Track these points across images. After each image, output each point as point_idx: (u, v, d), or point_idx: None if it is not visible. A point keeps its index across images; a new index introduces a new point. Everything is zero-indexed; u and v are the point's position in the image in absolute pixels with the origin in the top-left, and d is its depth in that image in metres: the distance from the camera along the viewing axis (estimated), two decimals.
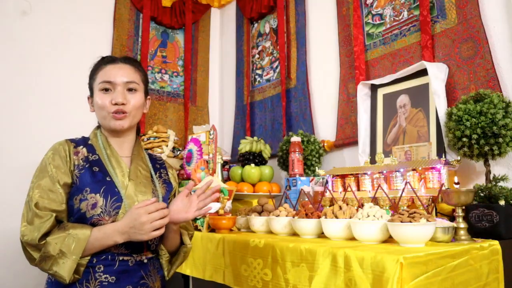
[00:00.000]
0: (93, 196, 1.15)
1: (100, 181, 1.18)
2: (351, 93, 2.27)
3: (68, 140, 1.26)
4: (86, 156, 1.23)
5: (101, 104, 1.23)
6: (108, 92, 1.24)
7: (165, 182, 1.35)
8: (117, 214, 1.15)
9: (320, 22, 2.56)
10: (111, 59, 1.29)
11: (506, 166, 1.62)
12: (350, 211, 1.41)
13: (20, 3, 2.54)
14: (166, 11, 3.18)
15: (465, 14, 1.78)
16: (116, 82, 1.23)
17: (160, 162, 1.40)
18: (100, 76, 1.25)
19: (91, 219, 1.13)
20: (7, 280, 2.26)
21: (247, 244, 1.47)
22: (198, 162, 2.26)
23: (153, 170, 1.33)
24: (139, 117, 1.31)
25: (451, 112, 1.59)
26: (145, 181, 1.26)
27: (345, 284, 1.08)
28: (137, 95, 1.27)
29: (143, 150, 1.36)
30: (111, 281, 1.14)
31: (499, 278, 1.23)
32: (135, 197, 1.20)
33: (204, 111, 3.34)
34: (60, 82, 2.61)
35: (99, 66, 1.28)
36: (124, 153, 1.30)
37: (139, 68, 1.32)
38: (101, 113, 1.25)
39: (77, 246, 1.08)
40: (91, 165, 1.21)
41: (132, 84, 1.26)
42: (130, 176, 1.23)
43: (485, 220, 1.33)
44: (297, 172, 2.16)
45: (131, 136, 1.32)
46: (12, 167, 2.37)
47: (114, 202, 1.16)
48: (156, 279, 1.25)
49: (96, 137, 1.29)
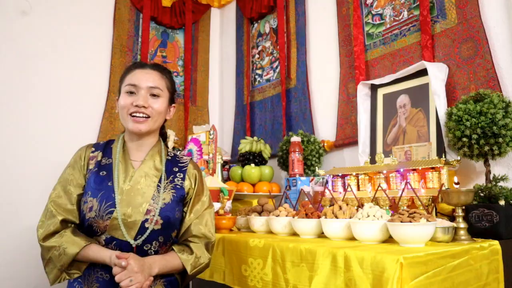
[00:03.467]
0: (92, 200, 1.21)
1: (101, 186, 1.22)
2: (351, 93, 2.27)
3: (91, 144, 1.34)
4: (99, 160, 1.28)
5: (123, 104, 1.28)
6: (132, 95, 1.28)
7: (175, 188, 1.30)
8: (110, 219, 1.19)
9: (320, 22, 2.56)
10: (140, 65, 1.33)
11: (506, 166, 1.62)
12: (350, 211, 1.41)
13: (20, 3, 2.54)
14: (166, 11, 3.18)
15: (465, 14, 1.78)
16: (140, 86, 1.28)
17: (181, 165, 1.37)
18: (127, 79, 1.30)
19: (88, 221, 1.20)
20: (7, 280, 2.26)
21: (247, 244, 1.47)
22: (198, 162, 2.26)
23: (165, 175, 1.31)
24: (160, 123, 1.34)
25: (451, 112, 1.59)
26: (146, 187, 1.25)
27: (345, 284, 1.08)
28: (160, 100, 1.30)
29: (160, 153, 1.34)
30: (105, 278, 1.18)
31: (499, 278, 1.23)
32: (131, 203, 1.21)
33: (204, 111, 3.34)
34: (60, 82, 2.61)
35: (129, 70, 1.33)
36: (139, 157, 1.31)
37: (166, 76, 1.36)
38: (122, 113, 1.29)
39: (64, 258, 1.16)
40: (100, 169, 1.26)
41: (155, 89, 1.29)
42: (131, 182, 1.24)
43: (485, 220, 1.33)
44: (297, 172, 2.16)
45: (150, 140, 1.34)
46: (12, 167, 2.37)
47: (107, 207, 1.19)
48: (156, 283, 1.23)
49: (118, 140, 1.33)
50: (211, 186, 1.92)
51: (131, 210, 1.20)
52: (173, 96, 1.39)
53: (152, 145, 1.34)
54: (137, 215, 1.21)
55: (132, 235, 1.19)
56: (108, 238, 1.20)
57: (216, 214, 1.86)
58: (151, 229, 1.22)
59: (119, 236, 1.19)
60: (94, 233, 1.21)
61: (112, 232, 1.19)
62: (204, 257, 1.28)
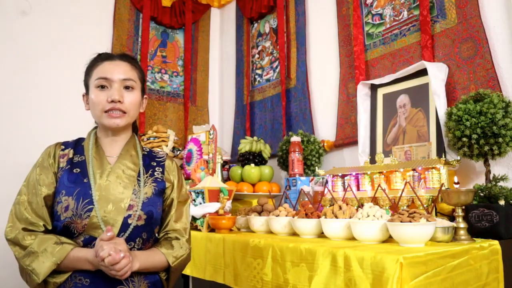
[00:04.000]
0: (66, 198, 1.13)
1: (76, 183, 1.16)
2: (351, 93, 2.27)
3: (60, 143, 1.26)
4: (71, 158, 1.21)
5: (96, 101, 1.19)
6: (104, 89, 1.20)
7: (156, 181, 1.26)
8: (89, 217, 1.12)
9: (320, 22, 2.56)
10: (107, 56, 1.25)
11: (506, 166, 1.62)
12: (350, 211, 1.41)
13: (20, 3, 2.54)
14: (166, 11, 3.18)
15: (465, 14, 1.78)
16: (112, 79, 1.20)
17: (159, 160, 1.33)
18: (96, 73, 1.21)
19: (64, 222, 1.12)
20: (7, 280, 2.26)
21: (247, 244, 1.47)
22: (198, 162, 2.26)
23: (143, 169, 1.26)
24: (135, 116, 1.28)
25: (451, 112, 1.58)
26: (126, 181, 1.20)
27: (345, 284, 1.08)
28: (134, 93, 1.24)
29: (136, 148, 1.29)
30: (85, 283, 1.11)
31: (499, 278, 1.23)
32: (110, 199, 1.15)
33: (204, 111, 3.34)
34: (60, 82, 2.61)
35: (95, 63, 1.25)
36: (114, 152, 1.25)
37: (136, 66, 1.29)
38: (96, 110, 1.21)
39: (60, 250, 1.09)
40: (72, 167, 1.19)
41: (129, 81, 1.22)
42: (109, 177, 1.18)
43: (485, 220, 1.33)
44: (297, 172, 2.16)
45: (124, 134, 1.28)
46: (12, 166, 2.37)
47: (86, 204, 1.13)
48: (140, 285, 1.17)
49: (89, 137, 1.27)
50: (211, 186, 1.92)
51: (112, 206, 1.14)
52: (144, 86, 1.32)
53: (127, 140, 1.28)
54: (119, 211, 1.15)
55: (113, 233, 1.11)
56: (87, 238, 1.13)
57: (216, 214, 1.86)
58: (134, 225, 1.16)
59: (99, 235, 1.11)
60: (71, 234, 1.13)
61: (91, 231, 1.13)
62: (184, 247, 1.26)
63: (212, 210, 1.87)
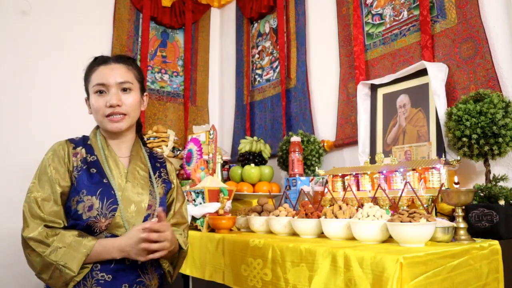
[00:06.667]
0: (89, 198, 1.16)
1: (97, 183, 1.18)
2: (351, 93, 2.27)
3: (68, 140, 1.27)
4: (85, 157, 1.23)
5: (97, 106, 1.23)
6: (103, 95, 1.23)
7: (164, 182, 1.34)
8: (113, 217, 1.16)
9: (320, 22, 2.56)
10: (103, 60, 1.27)
11: (506, 166, 1.62)
12: (350, 211, 1.41)
13: (20, 3, 2.54)
14: (166, 11, 3.18)
15: (465, 14, 1.78)
16: (109, 84, 1.22)
17: (160, 161, 1.39)
18: (94, 79, 1.24)
19: (87, 221, 1.14)
20: (7, 280, 2.26)
21: (247, 244, 1.47)
22: (198, 162, 2.26)
23: (152, 170, 1.32)
24: (137, 116, 1.30)
25: (451, 112, 1.59)
26: (142, 182, 1.25)
27: (345, 284, 1.08)
28: (132, 94, 1.26)
29: (142, 149, 1.35)
30: (107, 279, 1.15)
31: (499, 278, 1.23)
32: (132, 199, 1.20)
33: (204, 111, 3.34)
34: (60, 82, 2.61)
35: (92, 68, 1.27)
36: (123, 153, 1.29)
37: (133, 66, 1.30)
38: (97, 116, 1.25)
39: (88, 242, 1.12)
40: (89, 166, 1.21)
41: (125, 84, 1.24)
42: (128, 178, 1.23)
43: (485, 220, 1.33)
44: (297, 172, 2.16)
45: (129, 135, 1.31)
46: (12, 167, 2.37)
47: (110, 204, 1.17)
48: (153, 277, 1.25)
49: (96, 137, 1.29)
50: (211, 186, 1.92)
51: (134, 206, 1.20)
52: (143, 85, 1.34)
53: (133, 141, 1.32)
54: (140, 211, 1.20)
55: None
56: (109, 236, 1.17)
57: (216, 214, 1.86)
58: None
59: (121, 233, 1.18)
60: (92, 233, 1.16)
61: (114, 230, 1.17)
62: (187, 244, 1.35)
63: (212, 210, 1.87)
